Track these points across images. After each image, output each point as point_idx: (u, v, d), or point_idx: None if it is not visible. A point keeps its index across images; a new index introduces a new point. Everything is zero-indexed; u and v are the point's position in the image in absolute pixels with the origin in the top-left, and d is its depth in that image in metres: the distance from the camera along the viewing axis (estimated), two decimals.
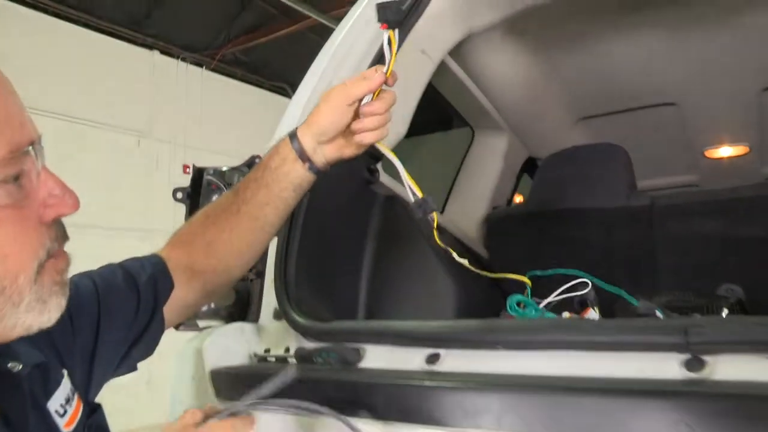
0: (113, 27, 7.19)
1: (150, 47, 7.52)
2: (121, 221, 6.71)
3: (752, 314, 1.63)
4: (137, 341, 0.98)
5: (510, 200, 2.72)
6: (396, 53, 1.06)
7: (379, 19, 1.06)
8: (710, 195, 1.98)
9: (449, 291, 1.79)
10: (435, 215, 1.12)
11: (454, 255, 1.22)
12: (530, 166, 2.80)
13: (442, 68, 2.04)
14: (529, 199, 2.23)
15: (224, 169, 1.56)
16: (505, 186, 2.65)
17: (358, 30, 1.68)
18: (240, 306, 1.55)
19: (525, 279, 1.32)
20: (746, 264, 1.84)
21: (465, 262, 1.19)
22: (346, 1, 1.77)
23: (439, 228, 2.16)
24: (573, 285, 1.48)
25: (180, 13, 7.28)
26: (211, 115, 7.92)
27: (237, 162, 1.61)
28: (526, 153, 2.75)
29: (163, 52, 7.61)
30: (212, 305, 1.52)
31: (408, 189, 1.09)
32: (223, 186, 1.52)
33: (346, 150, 1.09)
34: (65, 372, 0.82)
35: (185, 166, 7.43)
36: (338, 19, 1.82)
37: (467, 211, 2.53)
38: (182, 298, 1.06)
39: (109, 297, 0.94)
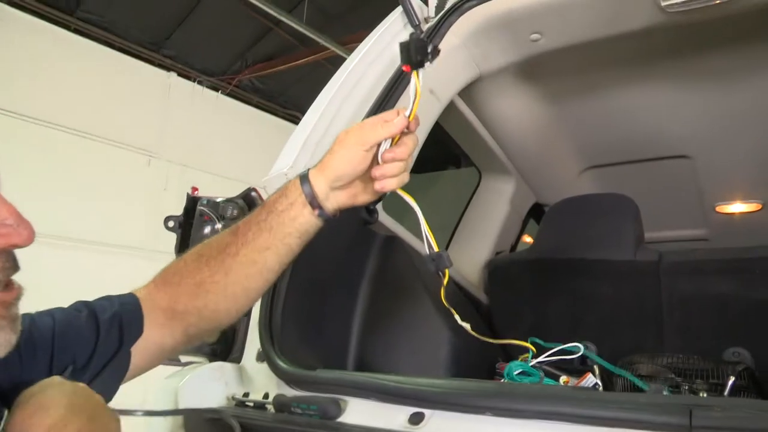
0: (132, 46, 7.28)
1: (167, 68, 7.59)
2: (127, 240, 6.68)
3: (761, 382, 1.55)
4: (94, 380, 0.92)
5: (514, 246, 2.67)
6: (419, 95, 1.00)
7: (403, 61, 1.01)
8: (721, 253, 1.92)
9: (446, 343, 1.72)
10: (447, 273, 1.07)
11: (457, 318, 1.15)
12: (537, 212, 2.74)
13: (450, 108, 2.00)
14: (534, 246, 2.17)
15: (219, 200, 1.52)
16: (510, 231, 2.59)
17: (366, 63, 1.65)
18: (224, 344, 1.49)
19: (528, 345, 1.25)
20: (756, 328, 1.77)
21: (467, 326, 1.12)
22: (364, 34, 1.75)
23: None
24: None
25: (199, 37, 7.36)
26: (223, 139, 7.94)
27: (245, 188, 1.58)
28: (533, 198, 2.70)
29: (180, 74, 7.67)
30: None
31: (425, 240, 1.04)
32: (215, 217, 1.48)
33: (360, 197, 1.04)
34: (6, 412, 0.77)
35: (194, 189, 7.43)
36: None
37: (470, 255, 2.48)
38: (157, 340, 1.00)
39: (66, 334, 0.88)
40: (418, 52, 0.99)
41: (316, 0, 6.89)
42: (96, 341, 0.92)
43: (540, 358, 1.25)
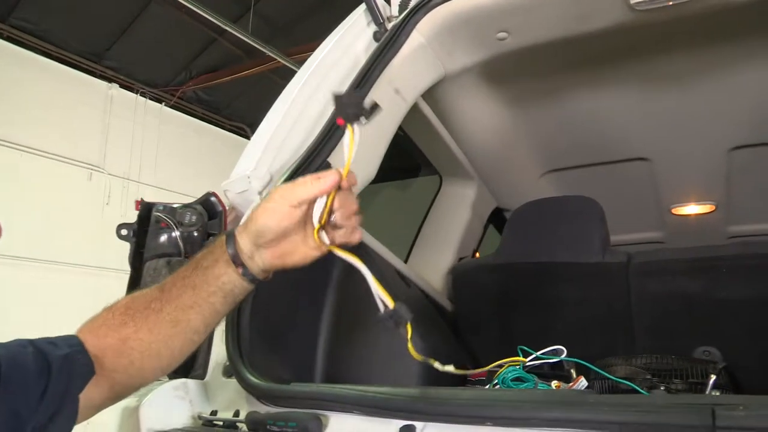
0: (71, 56, 7.00)
1: (109, 80, 7.34)
2: (71, 256, 6.41)
3: (737, 380, 1.55)
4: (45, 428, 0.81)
5: (475, 251, 2.63)
6: (353, 152, 0.92)
7: (337, 113, 0.94)
8: (688, 252, 1.91)
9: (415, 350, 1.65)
10: (409, 327, 0.95)
11: (437, 366, 1.06)
12: (497, 216, 2.72)
13: (413, 111, 1.95)
14: (499, 251, 2.14)
15: (176, 206, 1.42)
16: (472, 236, 2.56)
17: (328, 63, 1.59)
18: (192, 360, 1.39)
19: (520, 359, 1.19)
20: (724, 326, 1.77)
21: (450, 368, 1.03)
22: (312, 45, 1.67)
23: (402, 278, 2.04)
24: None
25: (142, 48, 7.14)
26: (168, 152, 7.72)
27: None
28: (494, 203, 2.67)
29: (123, 85, 7.43)
30: None
31: (377, 298, 0.94)
32: (173, 224, 1.38)
33: (289, 258, 0.95)
34: None
35: (137, 202, 7.16)
36: (301, 63, 1.72)
37: (432, 261, 2.42)
38: (88, 395, 0.90)
39: (12, 375, 0.78)
40: (353, 106, 0.92)
41: (261, 10, 6.78)
42: (46, 387, 0.82)
43: (529, 361, 1.20)
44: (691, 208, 2.78)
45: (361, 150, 1.58)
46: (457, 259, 2.46)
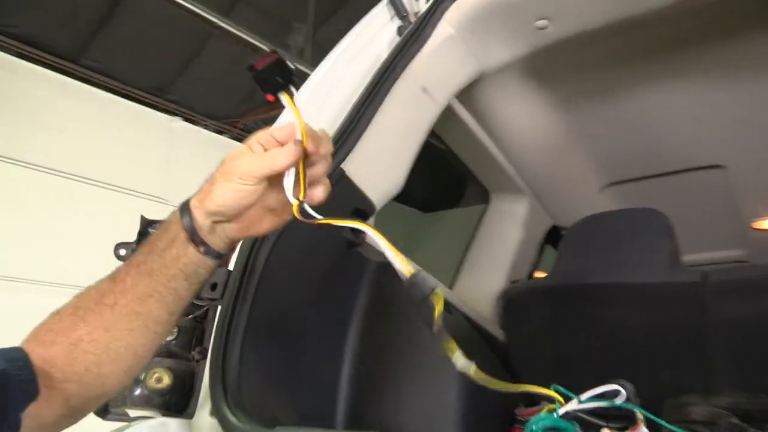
0: (135, 92, 7.23)
1: (171, 113, 7.51)
2: None
3: None
4: None
5: (531, 274, 2.39)
6: (299, 116, 0.79)
7: (264, 90, 0.81)
8: None
9: (454, 385, 1.45)
10: (440, 295, 0.77)
11: (459, 358, 0.86)
12: (555, 236, 2.47)
13: (450, 116, 1.77)
14: (553, 272, 1.90)
15: None
16: (525, 258, 2.32)
17: (339, 71, 1.43)
18: (180, 392, 1.23)
19: (552, 393, 0.96)
20: None
21: (472, 367, 0.82)
22: None
23: (447, 306, 1.84)
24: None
25: (203, 81, 7.30)
26: None
27: None
28: (550, 221, 2.43)
29: (185, 119, 7.59)
30: (145, 389, 1.21)
31: (393, 262, 0.79)
32: None
33: (256, 227, 0.86)
34: None
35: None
36: None
37: (481, 286, 2.20)
38: (36, 413, 0.76)
39: None
40: (274, 74, 0.80)
41: (319, 40, 6.80)
42: None
43: (573, 406, 0.96)
44: None
45: (384, 156, 1.40)
46: (508, 283, 2.23)
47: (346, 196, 1.31)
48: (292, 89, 0.79)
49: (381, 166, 1.42)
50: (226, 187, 0.80)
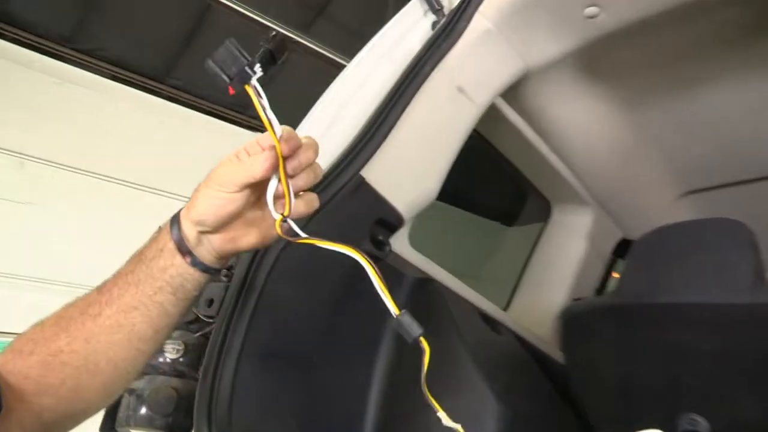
0: (219, 109, 7.46)
1: (254, 129, 7.70)
2: None
3: None
4: None
5: (598, 292, 2.19)
6: (261, 112, 0.72)
7: (226, 83, 0.73)
8: None
9: (493, 419, 1.30)
10: (426, 347, 0.74)
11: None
12: (626, 250, 2.26)
13: (498, 119, 1.63)
14: (618, 289, 1.71)
15: None
16: (590, 274, 2.13)
17: (367, 70, 1.33)
18: (185, 413, 1.16)
19: None
20: None
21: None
22: None
23: (490, 322, 1.68)
24: None
25: (280, 94, 7.44)
26: None
27: None
28: (619, 233, 2.22)
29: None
30: (149, 410, 1.14)
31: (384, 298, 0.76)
32: None
33: (243, 240, 0.81)
34: None
35: None
36: None
37: (540, 305, 2.03)
38: (3, 429, 0.73)
39: None
40: (232, 63, 0.70)
41: None
42: None
43: None
44: None
45: (413, 161, 1.28)
46: (570, 301, 2.05)
47: (365, 206, 1.21)
48: (254, 81, 0.70)
49: (409, 173, 1.31)
50: (206, 194, 0.77)
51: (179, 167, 6.79)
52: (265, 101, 0.71)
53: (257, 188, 0.77)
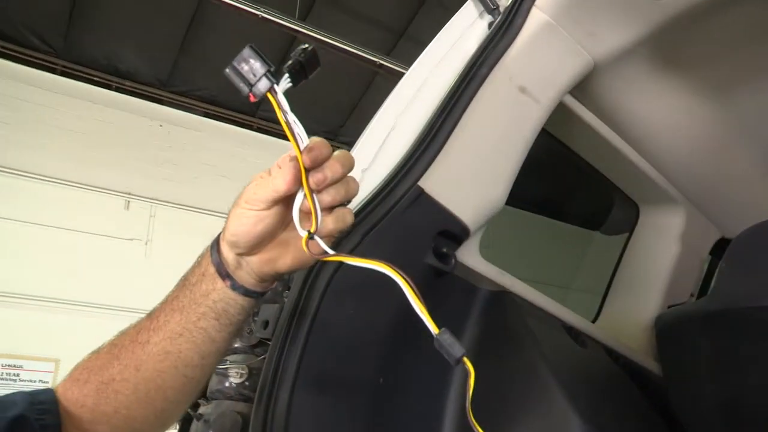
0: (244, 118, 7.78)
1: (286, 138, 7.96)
2: None
3: None
4: None
5: (698, 296, 2.02)
6: (290, 119, 0.69)
7: (245, 91, 0.70)
8: None
9: None
10: (471, 368, 0.68)
11: None
12: (724, 249, 2.08)
13: (570, 119, 1.55)
14: (713, 293, 1.57)
15: None
16: (687, 278, 1.97)
17: (424, 74, 1.29)
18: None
19: None
20: None
21: None
22: None
23: (574, 334, 1.58)
24: None
25: (310, 97, 7.56)
26: None
27: None
28: (717, 233, 2.05)
29: None
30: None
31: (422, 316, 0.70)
32: None
33: (281, 262, 0.78)
34: None
35: None
36: None
37: (632, 314, 1.91)
38: None
39: None
40: (251, 70, 0.67)
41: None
42: None
43: None
44: None
45: (475, 168, 1.23)
46: (665, 308, 1.90)
47: (426, 217, 1.16)
48: (276, 87, 0.68)
49: (472, 180, 1.25)
50: (236, 213, 0.75)
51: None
52: (288, 110, 0.68)
53: (289, 205, 0.74)
